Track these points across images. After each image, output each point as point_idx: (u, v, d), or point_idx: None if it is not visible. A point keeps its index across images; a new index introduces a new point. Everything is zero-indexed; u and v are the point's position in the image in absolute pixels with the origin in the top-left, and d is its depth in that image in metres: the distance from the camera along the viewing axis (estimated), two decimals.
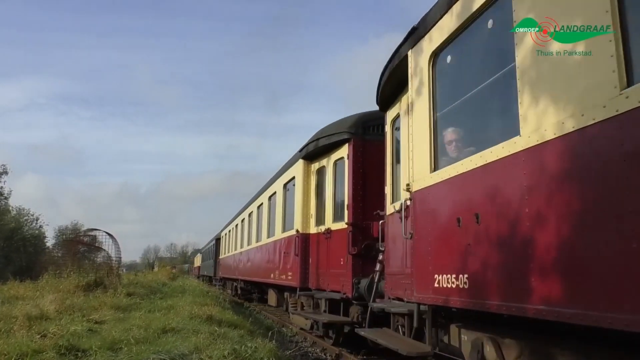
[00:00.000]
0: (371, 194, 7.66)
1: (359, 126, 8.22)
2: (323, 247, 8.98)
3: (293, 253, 9.99)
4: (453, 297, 3.92)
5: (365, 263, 7.54)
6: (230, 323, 8.36)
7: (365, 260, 7.55)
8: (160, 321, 7.52)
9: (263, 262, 14.16)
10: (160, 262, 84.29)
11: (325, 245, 8.85)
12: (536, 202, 2.97)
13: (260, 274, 14.60)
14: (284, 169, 12.11)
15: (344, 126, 8.45)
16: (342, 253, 8.01)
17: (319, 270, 9.15)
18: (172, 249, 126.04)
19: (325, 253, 8.84)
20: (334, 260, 8.38)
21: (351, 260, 7.62)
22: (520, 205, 3.12)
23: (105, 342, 5.92)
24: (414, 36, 4.95)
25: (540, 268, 2.89)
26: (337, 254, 8.25)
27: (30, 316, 7.59)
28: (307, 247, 9.61)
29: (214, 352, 5.27)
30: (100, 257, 20.23)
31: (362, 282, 7.33)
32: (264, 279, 13.71)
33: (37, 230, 40.27)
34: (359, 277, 7.44)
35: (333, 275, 8.41)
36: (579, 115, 2.65)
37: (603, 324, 2.41)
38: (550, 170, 2.87)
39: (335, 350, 8.15)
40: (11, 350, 5.24)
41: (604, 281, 2.44)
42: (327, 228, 8.77)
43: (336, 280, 8.21)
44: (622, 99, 2.39)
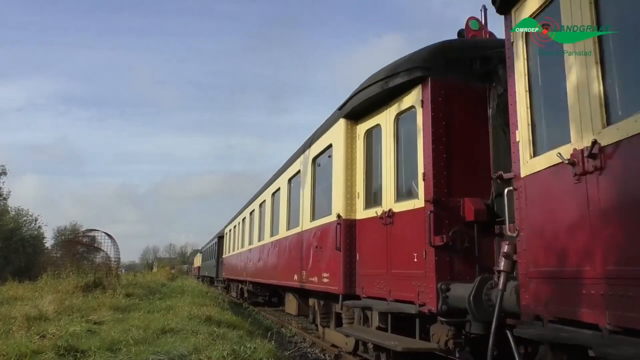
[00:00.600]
0: (458, 161, 5.35)
1: (439, 59, 5.51)
2: (378, 238, 6.33)
3: (331, 247, 7.27)
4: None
5: (454, 259, 5.14)
6: (229, 323, 8.38)
7: (455, 255, 5.13)
8: (160, 322, 7.52)
9: (281, 260, 11.31)
10: (159, 263, 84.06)
11: (383, 235, 6.18)
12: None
13: (276, 275, 11.81)
14: (315, 137, 9.08)
15: (414, 61, 5.68)
16: (415, 245, 5.47)
17: (372, 270, 6.53)
18: (171, 250, 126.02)
19: (384, 245, 6.17)
20: (401, 255, 5.82)
21: (434, 255, 5.10)
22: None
23: (104, 343, 5.92)
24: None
25: None
26: (405, 246, 5.73)
27: (29, 317, 7.59)
28: (352, 238, 6.96)
29: (213, 352, 5.27)
30: (99, 257, 20.16)
31: (456, 289, 4.88)
32: (283, 281, 10.97)
33: (36, 231, 40.20)
34: (446, 280, 5.02)
35: (399, 277, 5.84)
36: None
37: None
38: None
39: (334, 351, 8.15)
40: (10, 351, 5.25)
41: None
42: (387, 211, 6.08)
43: (406, 286, 5.62)
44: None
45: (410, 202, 5.73)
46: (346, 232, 6.98)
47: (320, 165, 8.85)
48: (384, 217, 6.15)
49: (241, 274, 18.74)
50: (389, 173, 6.25)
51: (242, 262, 18.56)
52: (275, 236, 12.19)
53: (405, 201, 5.86)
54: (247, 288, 18.62)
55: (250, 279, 16.85)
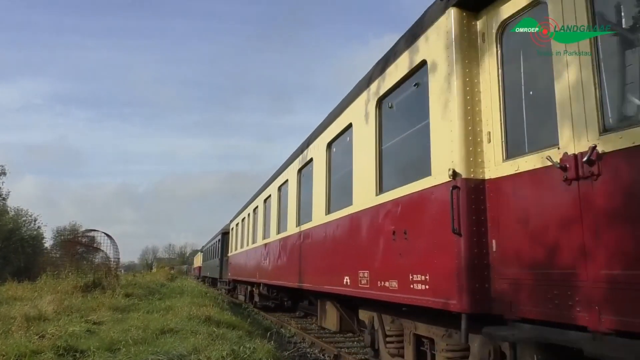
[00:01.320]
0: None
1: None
2: (552, 207, 3.42)
3: (433, 229, 4.44)
4: None
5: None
6: (228, 324, 8.38)
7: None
8: (159, 322, 7.53)
9: (317, 257, 8.20)
10: (158, 263, 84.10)
11: (569, 200, 3.27)
12: None
13: (308, 276, 8.54)
14: (387, 62, 5.83)
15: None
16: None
17: (536, 269, 3.50)
18: (171, 250, 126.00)
19: (568, 220, 3.27)
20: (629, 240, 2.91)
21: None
22: None
23: (103, 343, 5.93)
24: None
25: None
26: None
27: (28, 317, 7.59)
28: (480, 211, 4.03)
29: (213, 352, 5.28)
30: (98, 258, 20.19)
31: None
32: (322, 285, 7.73)
33: (35, 231, 40.13)
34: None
35: (622, 285, 2.89)
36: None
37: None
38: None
39: (333, 351, 8.15)
40: (9, 351, 5.26)
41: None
42: (579, 154, 3.19)
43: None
44: None
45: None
46: (470, 201, 4.01)
47: (394, 107, 5.76)
48: (570, 166, 3.23)
49: (253, 275, 15.42)
50: (562, 90, 3.37)
51: (254, 260, 15.25)
52: (306, 225, 8.95)
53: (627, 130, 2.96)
54: (260, 291, 15.53)
55: (265, 281, 13.58)
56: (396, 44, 5.68)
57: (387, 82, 5.74)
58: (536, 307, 3.42)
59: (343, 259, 6.76)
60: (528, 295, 3.50)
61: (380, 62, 6.15)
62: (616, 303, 2.88)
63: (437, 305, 4.26)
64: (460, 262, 3.96)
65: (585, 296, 3.07)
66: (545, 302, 3.36)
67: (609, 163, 2.99)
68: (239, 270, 19.29)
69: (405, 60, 5.29)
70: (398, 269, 5.02)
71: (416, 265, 4.67)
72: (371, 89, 6.22)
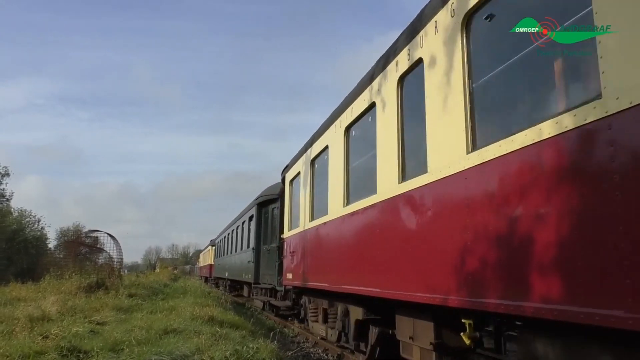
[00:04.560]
0: None
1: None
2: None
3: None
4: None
5: None
6: (231, 324, 8.38)
7: None
8: (162, 322, 7.54)
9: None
10: (161, 263, 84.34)
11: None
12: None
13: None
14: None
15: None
16: None
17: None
18: (174, 250, 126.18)
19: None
20: None
21: None
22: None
23: (106, 343, 5.94)
24: None
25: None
26: None
27: (32, 317, 7.62)
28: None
29: (216, 353, 5.28)
30: (101, 258, 20.23)
31: None
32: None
33: (38, 232, 40.25)
34: None
35: None
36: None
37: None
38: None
39: (337, 351, 8.13)
40: (13, 352, 5.27)
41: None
42: None
43: None
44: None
45: None
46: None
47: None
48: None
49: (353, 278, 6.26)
50: None
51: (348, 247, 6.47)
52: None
53: None
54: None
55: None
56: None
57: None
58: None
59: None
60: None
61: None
62: None
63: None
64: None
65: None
66: None
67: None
68: (320, 265, 8.01)
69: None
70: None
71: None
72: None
